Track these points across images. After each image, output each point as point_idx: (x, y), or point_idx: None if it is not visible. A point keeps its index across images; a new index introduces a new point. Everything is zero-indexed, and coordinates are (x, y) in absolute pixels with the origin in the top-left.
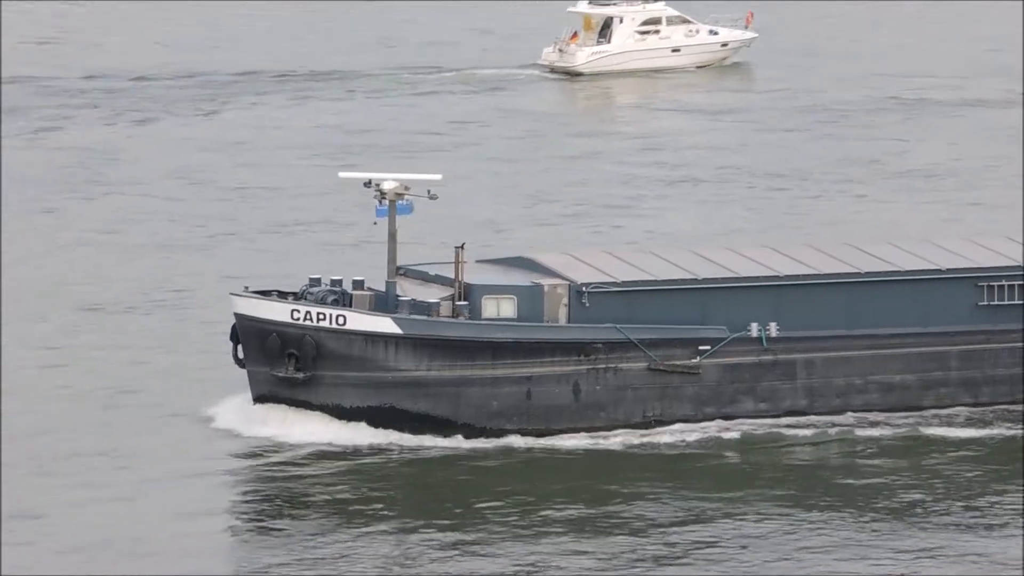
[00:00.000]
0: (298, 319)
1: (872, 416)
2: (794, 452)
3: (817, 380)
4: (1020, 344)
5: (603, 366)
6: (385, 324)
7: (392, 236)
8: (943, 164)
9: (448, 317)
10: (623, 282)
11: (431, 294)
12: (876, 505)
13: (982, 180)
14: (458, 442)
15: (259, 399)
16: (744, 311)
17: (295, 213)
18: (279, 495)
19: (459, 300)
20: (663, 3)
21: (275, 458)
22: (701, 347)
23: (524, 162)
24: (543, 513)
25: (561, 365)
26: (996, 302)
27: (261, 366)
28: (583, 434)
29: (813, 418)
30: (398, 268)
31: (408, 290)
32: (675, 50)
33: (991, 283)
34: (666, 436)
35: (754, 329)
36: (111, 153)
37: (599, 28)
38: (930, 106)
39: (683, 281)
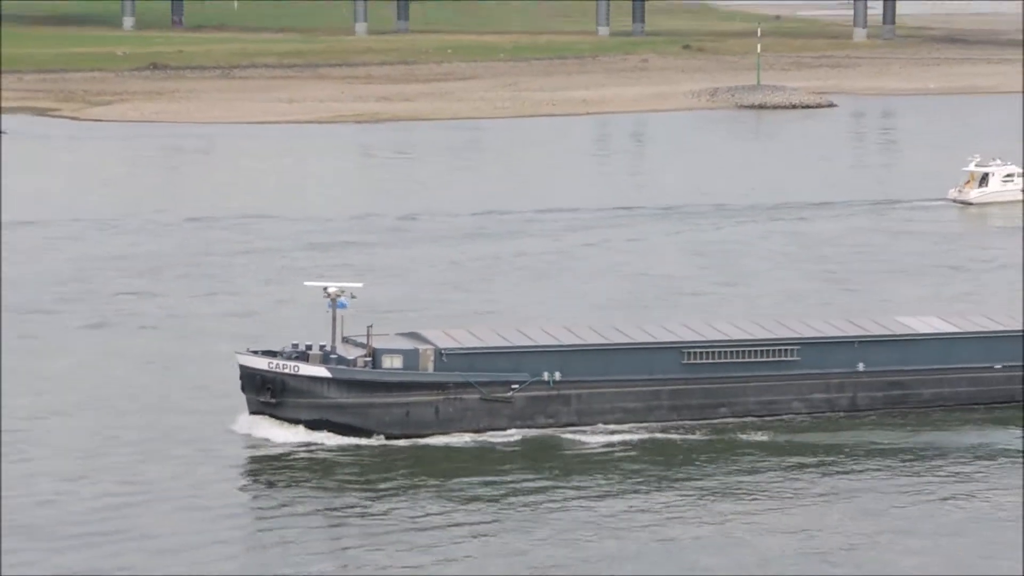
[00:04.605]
0: (272, 368)
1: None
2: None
3: (583, 406)
4: (711, 386)
5: (454, 397)
6: (322, 371)
7: (334, 320)
8: None
9: (361, 367)
10: (467, 347)
11: (355, 353)
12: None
13: None
14: (367, 441)
15: (252, 413)
16: (540, 365)
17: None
18: (261, 471)
19: (368, 357)
20: (1015, 167)
21: (259, 450)
22: (513, 386)
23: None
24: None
25: (428, 396)
26: (696, 362)
27: (252, 394)
28: (443, 436)
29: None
30: (344, 338)
31: (348, 351)
32: None
33: (691, 350)
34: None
35: (545, 375)
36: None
37: (978, 180)
38: None
39: (503, 347)
